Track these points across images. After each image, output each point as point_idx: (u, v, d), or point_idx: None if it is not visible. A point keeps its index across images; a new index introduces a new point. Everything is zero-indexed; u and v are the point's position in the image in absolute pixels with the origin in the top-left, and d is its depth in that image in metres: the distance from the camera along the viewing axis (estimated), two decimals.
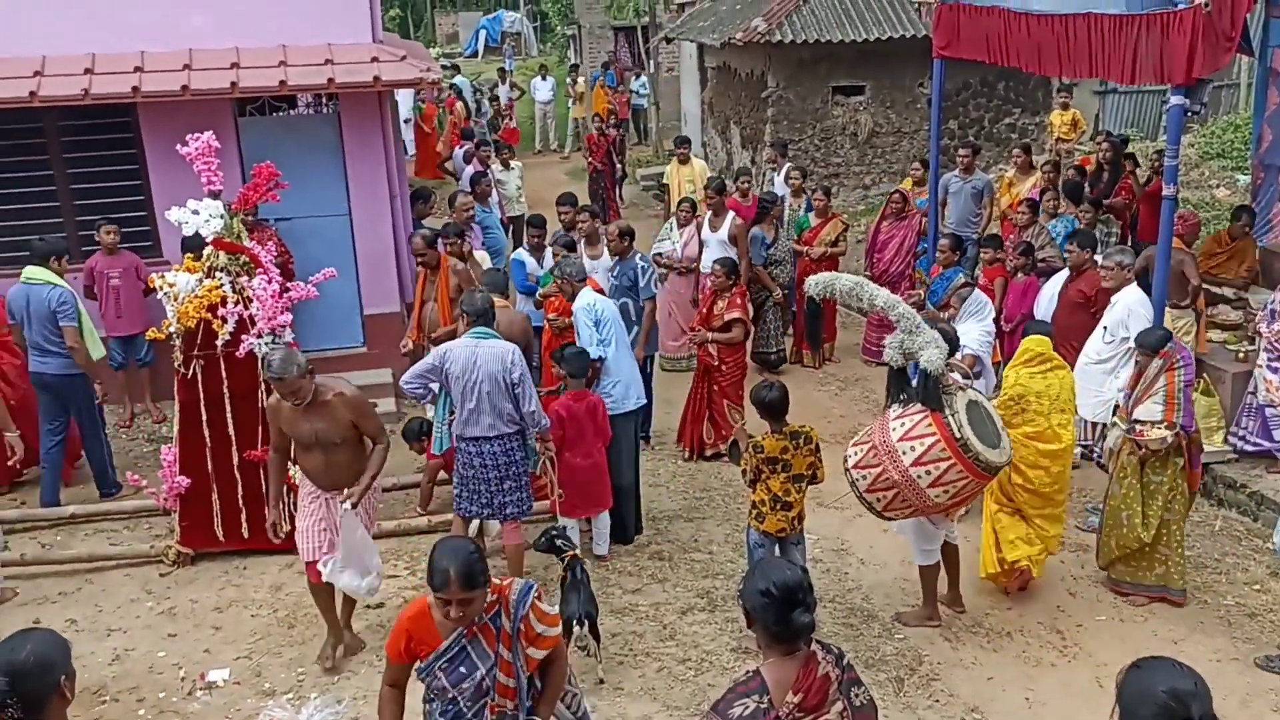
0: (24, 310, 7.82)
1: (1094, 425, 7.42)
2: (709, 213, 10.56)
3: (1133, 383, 6.64)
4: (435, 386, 6.67)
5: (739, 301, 8.72)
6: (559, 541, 6.09)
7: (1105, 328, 7.38)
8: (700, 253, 10.34)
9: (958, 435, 5.63)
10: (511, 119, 22.97)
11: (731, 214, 10.44)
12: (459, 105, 21.00)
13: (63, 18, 9.05)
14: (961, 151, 11.47)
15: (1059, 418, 6.49)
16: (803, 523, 6.16)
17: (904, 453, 5.69)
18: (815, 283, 6.10)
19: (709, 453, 8.88)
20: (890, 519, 6.12)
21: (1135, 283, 7.41)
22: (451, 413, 6.64)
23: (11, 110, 8.79)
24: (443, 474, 7.58)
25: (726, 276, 8.69)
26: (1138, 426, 6.45)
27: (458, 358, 6.29)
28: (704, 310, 8.94)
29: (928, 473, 5.66)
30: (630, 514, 7.45)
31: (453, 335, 6.98)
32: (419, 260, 8.33)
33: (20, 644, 2.98)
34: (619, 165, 17.52)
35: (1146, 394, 6.45)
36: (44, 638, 3.04)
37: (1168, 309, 8.35)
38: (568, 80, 24.58)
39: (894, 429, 5.78)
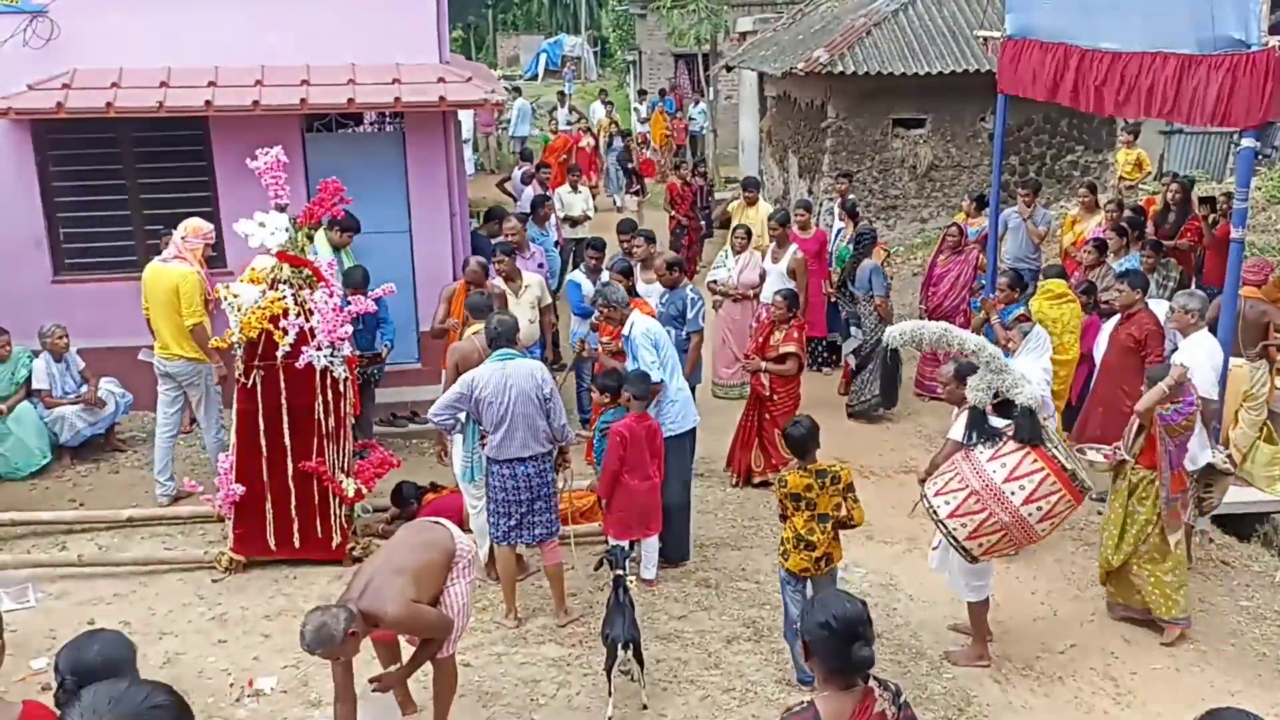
0: None
1: None
2: (773, 244, 10.53)
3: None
4: (463, 417, 6.64)
5: (795, 335, 8.68)
6: (610, 559, 6.08)
7: None
8: (761, 282, 10.31)
9: (1067, 467, 5.69)
10: (648, 148, 22.16)
11: (794, 247, 10.41)
12: (587, 139, 20.52)
13: (141, 32, 9.28)
14: (1023, 191, 11.38)
15: (1068, 337, 8.76)
16: (830, 564, 5.93)
17: (1012, 493, 5.69)
18: (900, 333, 6.04)
19: (756, 480, 8.85)
20: (985, 561, 6.04)
21: (1206, 329, 7.27)
22: (482, 439, 6.67)
23: (88, 120, 9.02)
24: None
25: (788, 308, 8.66)
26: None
27: (488, 382, 6.35)
28: (760, 340, 8.92)
29: (1039, 509, 5.70)
30: (678, 536, 7.42)
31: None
32: (470, 284, 8.45)
33: (89, 644, 3.05)
34: (704, 220, 15.56)
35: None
36: (112, 638, 3.11)
37: (1244, 360, 8.21)
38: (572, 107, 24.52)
39: (994, 471, 5.75)
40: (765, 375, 8.67)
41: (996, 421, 5.96)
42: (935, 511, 5.88)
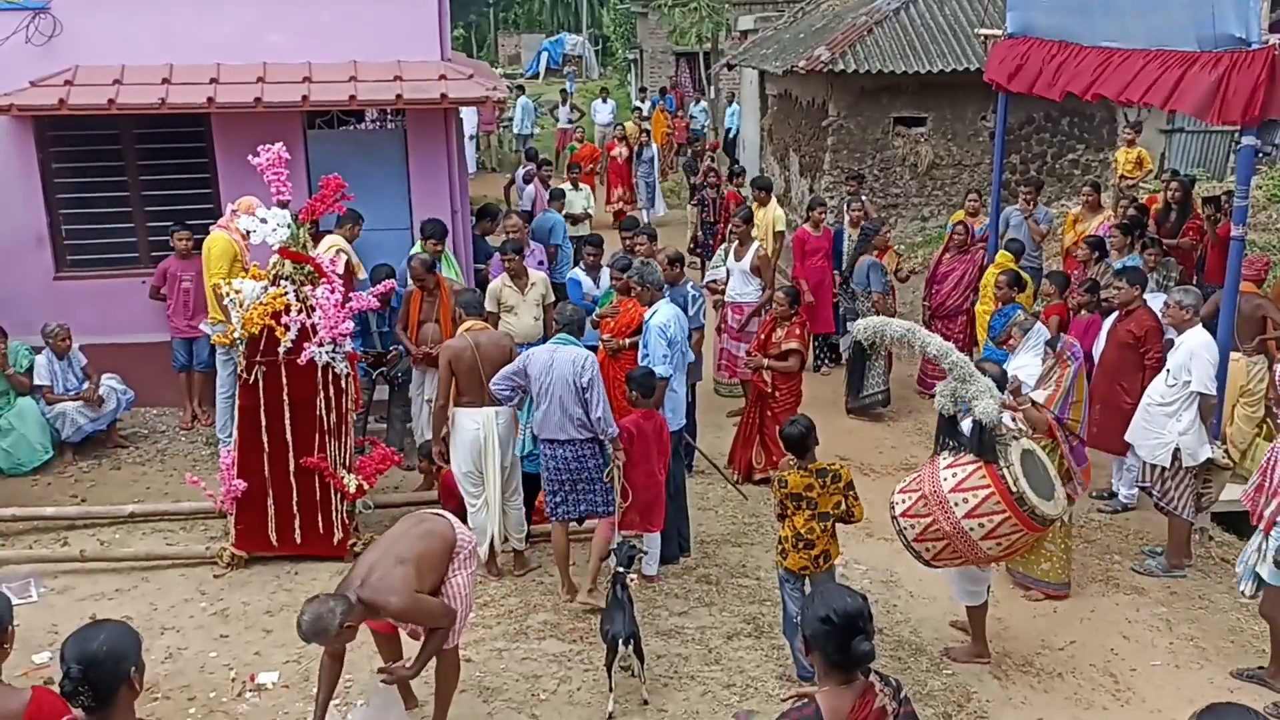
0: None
1: (1153, 467, 7.30)
2: (735, 241, 10.37)
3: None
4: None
5: (798, 332, 8.70)
6: (634, 555, 6.11)
7: (1169, 370, 7.26)
8: (727, 280, 10.28)
9: (1014, 490, 5.53)
10: (713, 160, 20.06)
11: (756, 244, 10.31)
12: (619, 148, 19.15)
13: (144, 29, 9.31)
14: (1024, 190, 11.39)
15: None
16: (828, 562, 5.94)
17: (956, 504, 5.59)
18: (864, 328, 6.02)
19: (757, 477, 8.85)
20: (938, 567, 6.03)
21: (1201, 325, 7.28)
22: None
23: (90, 117, 9.04)
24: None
25: (790, 305, 8.67)
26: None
27: (537, 360, 6.62)
28: (761, 336, 8.93)
29: (980, 525, 5.57)
30: (673, 534, 7.43)
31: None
32: (417, 283, 8.42)
33: (94, 634, 3.07)
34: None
35: (1041, 385, 6.95)
36: (117, 629, 3.13)
37: (1241, 355, 8.22)
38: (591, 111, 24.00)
39: (945, 479, 5.67)
40: (767, 372, 8.68)
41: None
42: (893, 507, 5.88)
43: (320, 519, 7.24)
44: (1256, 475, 6.17)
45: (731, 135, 24.24)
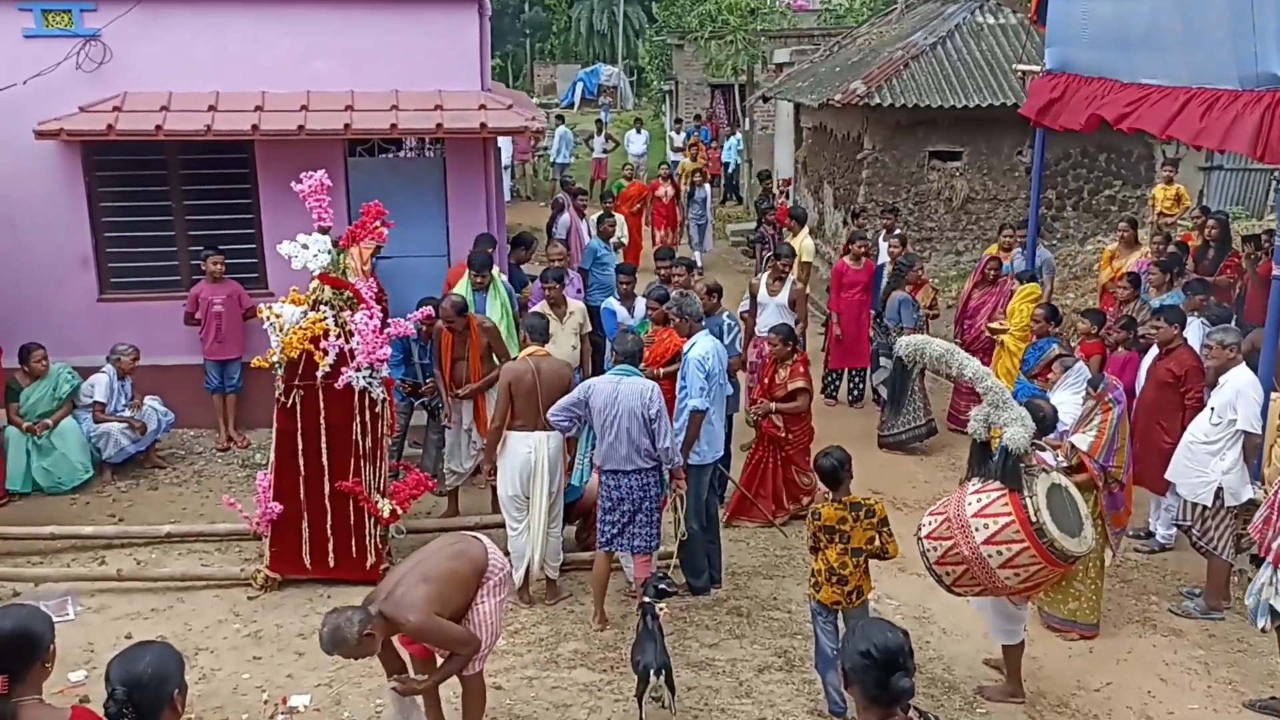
0: None
1: (1194, 506, 7.21)
2: (767, 275, 10.29)
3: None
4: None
5: (801, 370, 8.63)
6: (663, 585, 6.10)
7: (1213, 409, 7.19)
8: (756, 315, 10.22)
9: (1034, 520, 5.47)
10: (787, 198, 19.12)
11: (791, 278, 10.31)
12: (665, 188, 17.63)
13: (190, 57, 9.49)
14: (1020, 232, 11.37)
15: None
16: (862, 598, 5.93)
17: (976, 529, 5.55)
18: (907, 344, 6.09)
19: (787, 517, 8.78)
20: (959, 594, 5.98)
21: (1244, 363, 7.21)
22: (593, 446, 6.90)
23: (137, 142, 9.20)
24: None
25: (784, 344, 8.59)
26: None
27: (600, 391, 6.63)
28: (765, 380, 8.85)
29: (999, 553, 5.52)
30: (694, 566, 7.40)
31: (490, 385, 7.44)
32: (448, 326, 8.23)
33: (140, 655, 3.10)
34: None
35: (1081, 427, 6.88)
36: (162, 651, 3.16)
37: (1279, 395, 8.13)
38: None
39: (969, 504, 5.65)
40: (777, 416, 8.58)
41: None
42: (919, 530, 5.85)
43: (354, 543, 7.28)
44: (1264, 508, 6.07)
45: (731, 169, 24.42)
